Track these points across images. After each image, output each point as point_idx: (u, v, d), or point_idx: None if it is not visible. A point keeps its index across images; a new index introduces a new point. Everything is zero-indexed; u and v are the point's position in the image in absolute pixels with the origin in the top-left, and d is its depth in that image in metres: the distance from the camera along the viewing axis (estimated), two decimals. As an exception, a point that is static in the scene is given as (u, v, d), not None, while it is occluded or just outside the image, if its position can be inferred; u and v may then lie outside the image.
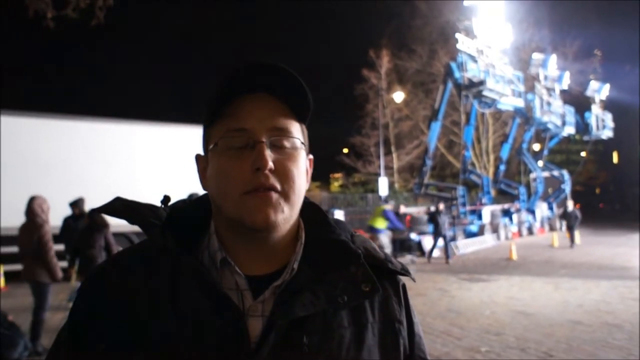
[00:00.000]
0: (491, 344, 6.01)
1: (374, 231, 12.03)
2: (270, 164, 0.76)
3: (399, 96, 27.79)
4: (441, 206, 15.13)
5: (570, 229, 18.48)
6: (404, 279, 0.93)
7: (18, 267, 8.33)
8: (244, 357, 0.72)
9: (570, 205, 19.23)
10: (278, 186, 0.77)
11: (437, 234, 14.64)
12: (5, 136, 10.50)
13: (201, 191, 0.95)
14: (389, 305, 0.87)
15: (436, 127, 21.65)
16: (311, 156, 0.89)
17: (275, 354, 0.73)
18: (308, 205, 0.89)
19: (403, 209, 15.55)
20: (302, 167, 0.82)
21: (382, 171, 23.47)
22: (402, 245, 13.07)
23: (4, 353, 4.71)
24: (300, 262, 0.82)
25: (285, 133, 0.80)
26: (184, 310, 0.74)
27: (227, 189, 0.77)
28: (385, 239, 12.05)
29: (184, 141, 12.59)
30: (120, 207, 0.90)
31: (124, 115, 12.63)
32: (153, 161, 11.89)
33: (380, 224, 12.05)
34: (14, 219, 8.08)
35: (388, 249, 11.76)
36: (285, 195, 0.78)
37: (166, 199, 0.98)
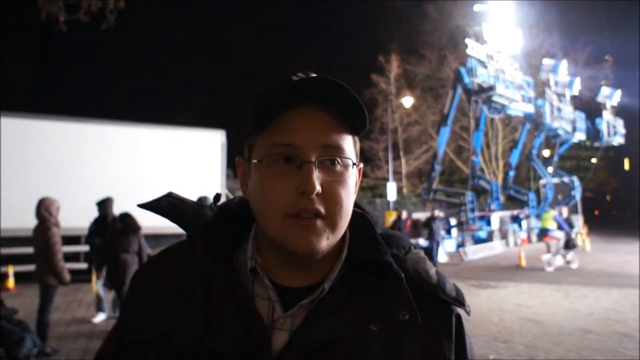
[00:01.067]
0: (500, 352, 5.96)
1: (546, 232, 14.71)
2: (318, 188, 0.71)
3: (408, 101, 27.75)
4: (436, 212, 15.28)
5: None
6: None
7: (28, 268, 8.42)
8: None
9: (564, 212, 17.29)
10: (323, 211, 0.72)
11: (431, 239, 14.88)
12: (14, 138, 10.60)
13: (211, 195, 0.93)
14: (435, 340, 0.77)
15: (445, 132, 21.60)
16: (361, 165, 0.83)
17: None
18: (357, 218, 0.83)
19: (405, 215, 15.69)
20: (351, 188, 0.77)
21: (390, 176, 23.42)
22: (566, 244, 14.29)
23: (13, 349, 4.73)
24: (335, 282, 0.77)
25: (337, 152, 0.74)
26: (213, 316, 0.74)
27: (269, 210, 0.73)
28: (555, 238, 14.29)
29: (192, 144, 12.66)
30: (166, 204, 0.88)
31: (133, 118, 12.71)
32: (162, 164, 11.95)
33: (551, 225, 14.56)
34: (22, 221, 8.16)
35: (560, 244, 14.18)
36: (331, 221, 0.73)
37: (217, 197, 0.94)
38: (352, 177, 0.77)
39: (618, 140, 30.57)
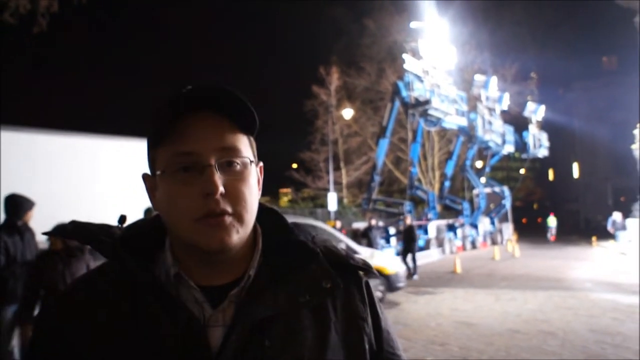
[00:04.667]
0: (436, 354, 6.23)
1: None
2: (221, 188, 0.75)
3: (348, 113, 28.31)
4: (373, 221, 15.50)
5: (407, 254, 14.08)
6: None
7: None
8: None
9: (408, 220, 15.20)
10: (230, 209, 0.76)
11: (370, 248, 15.07)
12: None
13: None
14: (352, 303, 0.87)
15: (384, 144, 22.21)
16: (261, 163, 0.89)
17: (236, 359, 0.73)
18: (265, 211, 0.90)
19: (339, 224, 15.96)
20: (253, 184, 0.81)
21: (331, 186, 23.72)
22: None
23: None
24: (259, 268, 0.82)
25: (234, 153, 0.79)
26: (144, 325, 0.75)
27: (178, 217, 0.76)
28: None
29: (136, 155, 12.29)
30: (72, 227, 0.88)
31: (75, 127, 12.24)
32: (103, 175, 11.54)
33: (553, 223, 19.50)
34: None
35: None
36: (239, 216, 0.77)
37: (122, 218, 0.96)
38: (253, 174, 0.82)
39: (542, 152, 32.61)
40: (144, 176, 0.86)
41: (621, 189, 43.28)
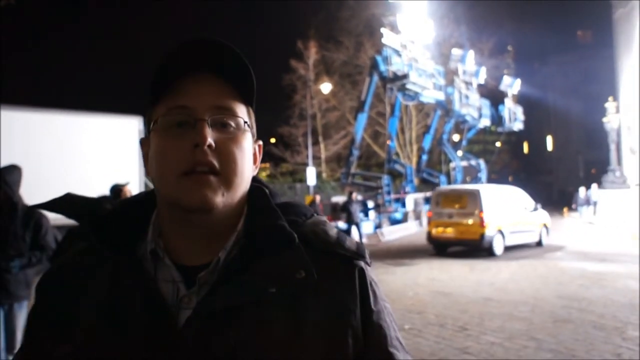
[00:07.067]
0: (413, 322, 6.50)
1: None
2: (210, 141, 0.73)
3: (326, 87, 28.23)
4: (354, 195, 15.81)
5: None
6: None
7: None
8: (168, 349, 0.71)
9: (354, 194, 16.38)
10: (217, 165, 0.73)
11: (350, 221, 15.40)
12: None
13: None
14: (338, 293, 0.78)
15: (362, 118, 22.32)
16: (260, 142, 0.87)
17: (198, 346, 0.70)
18: (254, 190, 0.85)
19: (318, 199, 16.23)
20: (246, 148, 0.78)
21: (310, 161, 23.82)
22: None
23: None
24: (234, 252, 0.78)
25: (229, 113, 0.77)
26: (118, 302, 0.74)
27: (165, 169, 0.74)
28: None
29: (107, 131, 12.16)
30: (62, 203, 0.92)
31: (42, 104, 12.02)
32: (74, 152, 11.41)
33: None
34: None
35: None
36: (226, 177, 0.74)
37: (117, 191, 1.01)
38: (247, 140, 0.79)
39: (518, 125, 33.14)
40: (142, 141, 0.84)
41: (592, 162, 44.35)
